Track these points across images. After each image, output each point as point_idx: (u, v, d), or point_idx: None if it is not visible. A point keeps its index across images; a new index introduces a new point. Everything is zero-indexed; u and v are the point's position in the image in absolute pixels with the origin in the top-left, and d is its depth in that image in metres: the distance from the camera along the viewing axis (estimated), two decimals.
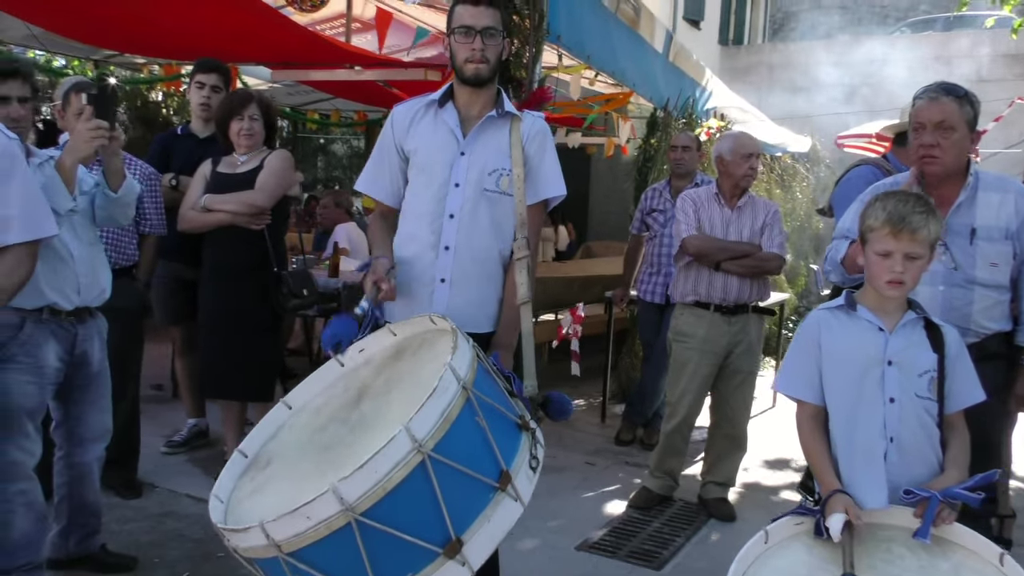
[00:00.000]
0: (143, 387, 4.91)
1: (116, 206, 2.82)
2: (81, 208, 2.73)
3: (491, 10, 2.33)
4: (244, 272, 3.64)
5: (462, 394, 1.73)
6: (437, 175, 2.38)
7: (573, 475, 4.29)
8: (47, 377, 2.64)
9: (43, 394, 2.64)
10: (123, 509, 3.48)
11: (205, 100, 4.08)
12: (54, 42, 6.59)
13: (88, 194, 2.79)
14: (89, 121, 2.56)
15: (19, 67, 2.64)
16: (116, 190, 2.79)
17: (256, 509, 1.76)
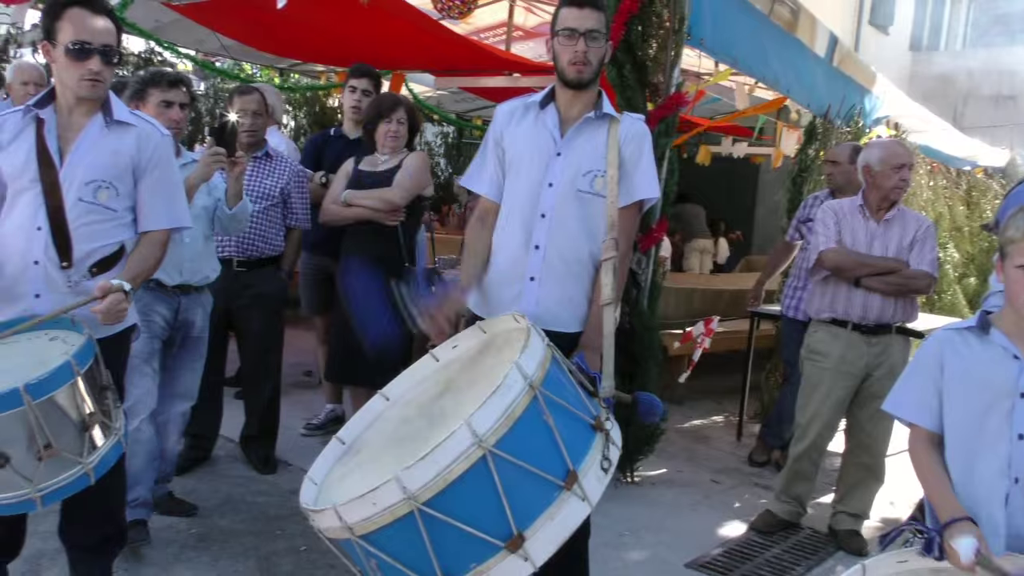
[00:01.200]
0: (295, 373, 5.32)
1: (230, 220, 3.24)
2: (205, 208, 3.19)
3: (595, 13, 2.33)
4: (377, 265, 3.82)
5: (528, 392, 1.73)
6: (532, 174, 2.41)
7: (696, 491, 4.15)
8: (154, 331, 3.07)
9: (152, 343, 3.06)
10: (258, 483, 3.75)
11: (356, 103, 4.34)
12: (244, 52, 7.22)
13: (215, 199, 3.21)
14: (211, 149, 3.02)
15: (183, 77, 3.02)
16: (232, 208, 3.21)
17: (341, 494, 1.84)
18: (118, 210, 2.39)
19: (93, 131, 2.35)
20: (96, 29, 2.27)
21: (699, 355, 4.74)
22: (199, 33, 6.50)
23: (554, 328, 2.29)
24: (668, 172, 3.85)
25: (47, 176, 2.29)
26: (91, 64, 2.26)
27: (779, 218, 7.73)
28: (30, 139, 2.31)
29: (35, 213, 2.29)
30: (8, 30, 6.43)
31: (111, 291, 2.21)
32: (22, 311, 2.30)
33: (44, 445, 2.01)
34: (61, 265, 2.31)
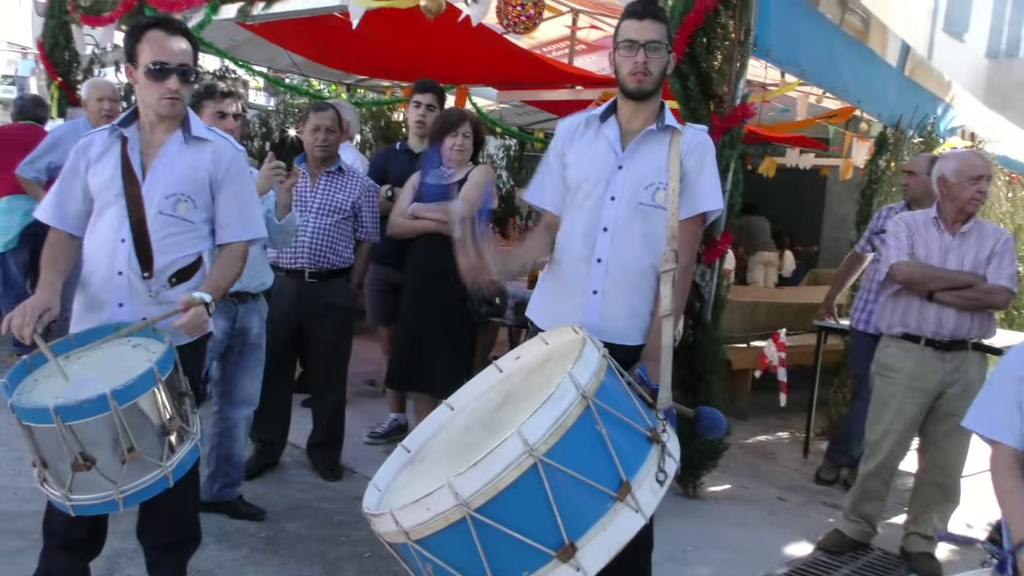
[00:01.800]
0: (359, 382, 5.41)
1: (278, 231, 3.30)
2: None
3: (656, 24, 2.34)
4: (443, 275, 3.85)
5: (580, 402, 1.74)
6: (594, 188, 2.42)
7: (761, 508, 4.07)
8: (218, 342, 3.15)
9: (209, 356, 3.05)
10: (324, 489, 3.83)
11: (421, 118, 4.42)
12: (313, 68, 7.42)
13: (266, 209, 3.25)
14: (271, 162, 3.12)
15: (235, 89, 3.13)
16: (280, 219, 3.28)
17: (400, 499, 1.87)
18: (196, 222, 2.49)
19: (173, 147, 2.45)
20: (173, 50, 2.37)
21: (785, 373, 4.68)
22: (271, 51, 6.72)
23: (617, 341, 2.30)
24: (733, 184, 3.81)
25: (131, 191, 2.40)
26: (169, 83, 2.36)
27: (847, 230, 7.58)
28: (115, 156, 2.42)
29: (119, 226, 2.40)
30: (93, 51, 6.73)
31: (193, 304, 2.30)
32: (106, 319, 2.40)
33: (127, 448, 2.09)
34: (143, 276, 2.41)
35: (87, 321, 2.43)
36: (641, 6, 2.38)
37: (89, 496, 2.13)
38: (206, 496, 3.22)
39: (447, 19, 4.31)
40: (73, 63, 6.84)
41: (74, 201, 2.48)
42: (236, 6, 5.07)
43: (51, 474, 2.14)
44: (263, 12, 4.96)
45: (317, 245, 3.79)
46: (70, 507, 2.14)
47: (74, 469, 2.07)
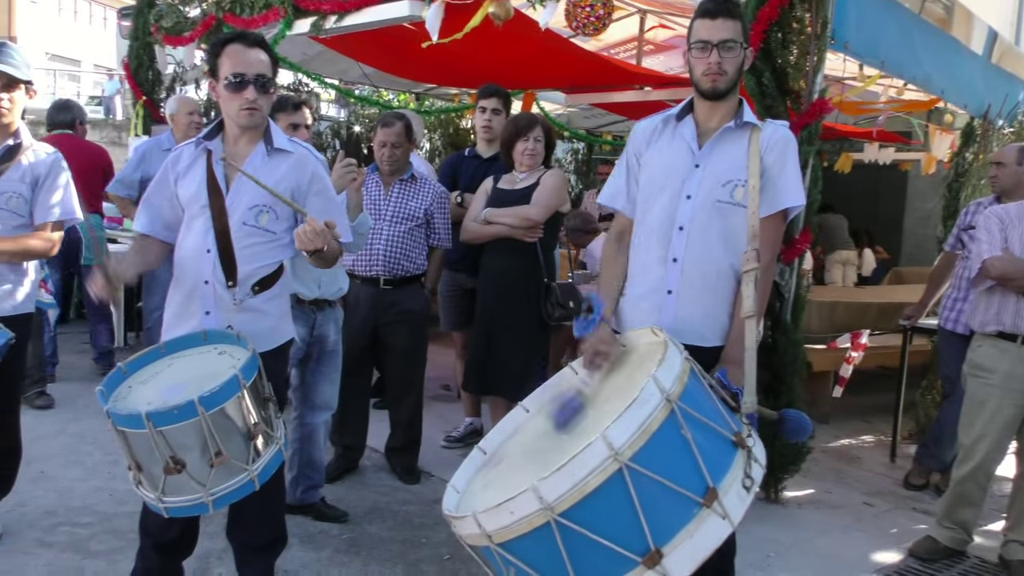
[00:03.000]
0: (434, 387, 5.46)
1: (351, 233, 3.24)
2: None
3: (729, 22, 2.30)
4: (516, 280, 3.89)
5: (665, 406, 1.72)
6: (669, 187, 2.39)
7: (847, 514, 3.95)
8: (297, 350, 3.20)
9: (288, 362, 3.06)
10: (403, 492, 3.87)
11: (487, 123, 4.44)
12: (382, 79, 7.54)
13: None
14: (342, 161, 3.17)
15: (306, 100, 3.19)
16: (352, 220, 3.23)
17: (481, 502, 1.88)
18: (277, 232, 2.55)
19: (256, 159, 2.52)
20: (250, 61, 2.44)
21: (849, 371, 4.51)
22: (342, 63, 6.86)
23: (694, 342, 2.26)
24: (811, 181, 3.71)
25: (215, 202, 2.48)
26: (247, 94, 2.43)
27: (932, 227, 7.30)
28: (201, 169, 2.51)
29: (205, 237, 2.48)
30: (174, 69, 6.99)
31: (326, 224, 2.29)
32: (195, 327, 2.48)
33: (215, 452, 2.16)
34: (227, 284, 2.48)
35: (177, 328, 2.52)
36: (713, 4, 2.34)
37: (181, 498, 2.20)
38: (290, 499, 3.28)
39: (514, 24, 4.32)
40: (156, 82, 7.12)
41: (165, 212, 2.58)
42: (309, 20, 5.19)
43: (145, 477, 2.22)
44: (335, 25, 5.06)
45: (391, 252, 3.84)
46: (163, 509, 2.22)
47: (166, 472, 2.15)
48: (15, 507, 3.32)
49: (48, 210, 3.02)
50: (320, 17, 5.11)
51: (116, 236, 6.63)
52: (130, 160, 5.27)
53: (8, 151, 2.96)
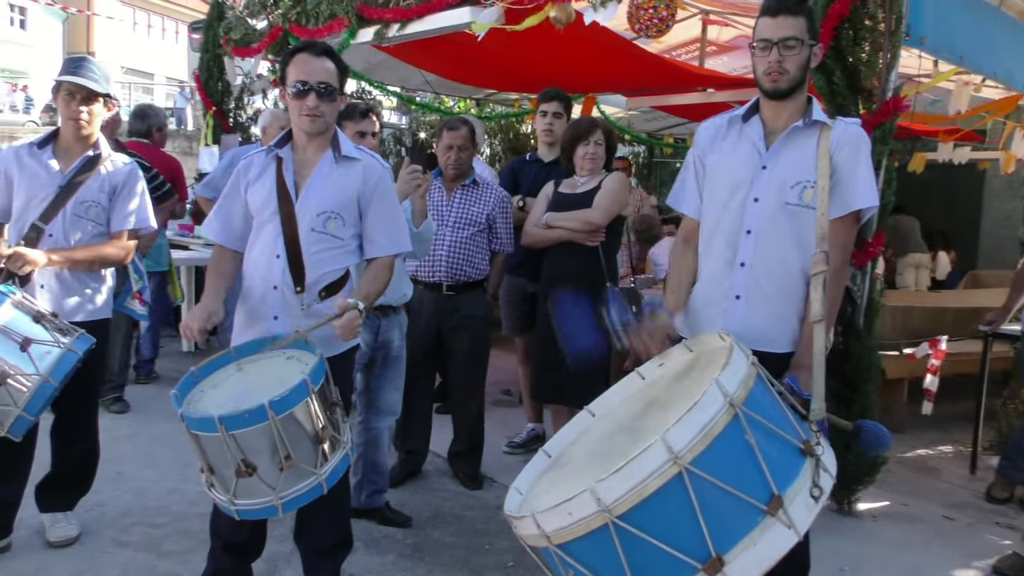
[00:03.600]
0: (495, 391, 5.46)
1: (416, 240, 3.28)
2: None
3: (791, 19, 2.24)
4: (577, 285, 3.84)
5: (728, 410, 1.68)
6: (736, 190, 2.34)
7: (926, 528, 3.80)
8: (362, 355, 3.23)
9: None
10: (466, 498, 3.88)
11: (548, 126, 4.43)
12: (444, 85, 7.61)
13: None
14: (408, 167, 3.18)
15: (373, 108, 3.24)
16: (417, 227, 3.28)
17: (542, 504, 1.86)
18: (344, 239, 2.57)
19: (324, 167, 2.56)
20: (314, 69, 2.48)
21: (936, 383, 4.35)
22: (404, 71, 6.93)
23: (763, 348, 2.21)
24: (885, 182, 3.59)
25: (285, 209, 2.52)
26: (308, 101, 2.47)
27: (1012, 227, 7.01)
28: (271, 176, 2.55)
29: (275, 242, 2.52)
30: (243, 80, 7.17)
31: (348, 309, 2.38)
32: (264, 331, 2.53)
33: (285, 456, 2.18)
34: (295, 290, 2.52)
35: (247, 333, 2.57)
36: (775, 2, 2.29)
37: (251, 501, 2.23)
38: (355, 503, 3.31)
39: (574, 28, 4.30)
40: (225, 93, 7.32)
41: (236, 219, 2.63)
42: (372, 29, 5.27)
43: (217, 480, 2.26)
44: (398, 34, 5.12)
45: (454, 258, 3.86)
46: (235, 511, 2.25)
47: (237, 475, 2.18)
48: (94, 506, 3.43)
49: (124, 218, 3.12)
50: (383, 26, 5.18)
51: (187, 243, 6.83)
52: (219, 164, 5.36)
53: (88, 162, 3.06)
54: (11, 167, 3.01)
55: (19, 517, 3.09)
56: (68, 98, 2.97)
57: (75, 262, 3.01)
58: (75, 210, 3.01)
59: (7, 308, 2.79)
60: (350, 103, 3.37)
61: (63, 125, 3.05)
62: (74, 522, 3.21)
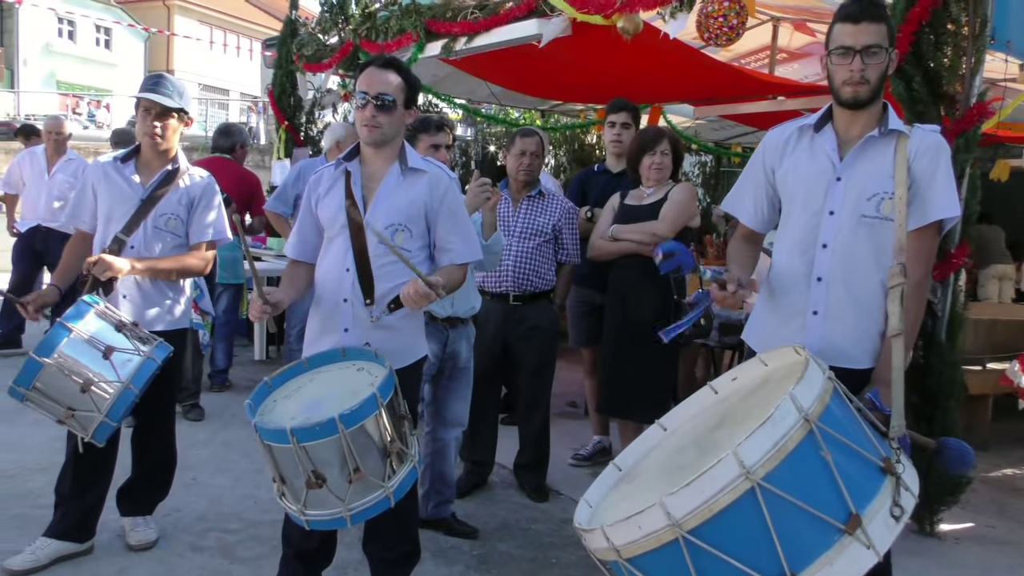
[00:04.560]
0: (560, 403, 5.44)
1: (485, 252, 3.26)
2: None
3: (873, 26, 2.17)
4: (645, 298, 3.81)
5: (803, 426, 1.64)
6: (810, 203, 2.28)
7: (1015, 552, 3.62)
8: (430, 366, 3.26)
9: None
10: (531, 510, 3.86)
11: (616, 137, 4.41)
12: (509, 97, 7.65)
13: None
14: (477, 180, 3.19)
15: (447, 121, 3.29)
16: (487, 239, 3.28)
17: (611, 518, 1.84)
18: (412, 250, 2.59)
19: (392, 179, 2.59)
20: (374, 81, 2.53)
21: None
22: (470, 84, 7.01)
23: (843, 365, 2.15)
24: (969, 191, 3.46)
25: (353, 222, 2.55)
26: (367, 111, 2.51)
27: None
28: (340, 189, 2.60)
29: (344, 256, 2.56)
30: (314, 95, 7.34)
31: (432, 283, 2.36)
32: (334, 343, 2.56)
33: (354, 469, 2.21)
34: (365, 302, 2.55)
35: (318, 344, 2.61)
36: (856, 7, 2.21)
37: (321, 512, 2.26)
38: (422, 514, 3.32)
39: (641, 37, 4.27)
40: (297, 108, 7.51)
41: (311, 235, 2.69)
42: (440, 43, 5.34)
43: (289, 490, 2.30)
44: (465, 47, 5.17)
45: (521, 268, 3.86)
46: (305, 521, 2.29)
47: (308, 487, 2.22)
48: (171, 511, 3.53)
49: (203, 230, 3.21)
50: (451, 39, 5.24)
51: (260, 255, 7.00)
52: (286, 178, 5.47)
53: (167, 176, 3.17)
54: (98, 181, 3.14)
55: (102, 520, 3.20)
56: (145, 114, 3.09)
57: (158, 271, 3.12)
58: (155, 222, 3.12)
59: (92, 318, 2.90)
60: (424, 116, 3.41)
61: (141, 140, 3.17)
62: (153, 526, 3.31)
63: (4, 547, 3.12)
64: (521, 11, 4.78)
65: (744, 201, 2.47)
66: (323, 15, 6.74)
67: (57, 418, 2.88)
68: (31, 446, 4.29)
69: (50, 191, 6.52)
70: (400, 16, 5.62)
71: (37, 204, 6.57)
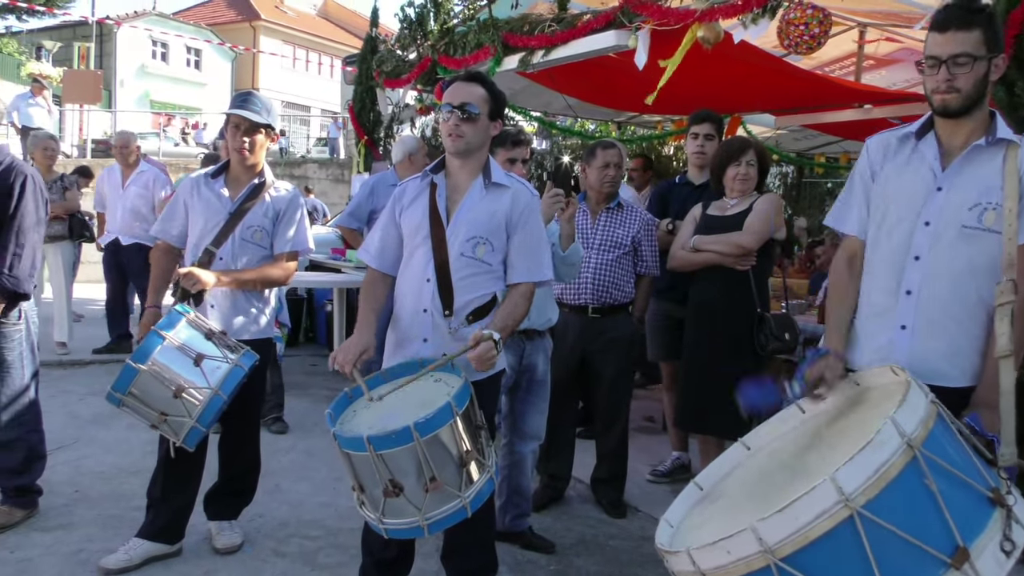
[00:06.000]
0: (637, 418, 5.37)
1: (563, 263, 3.27)
2: None
3: (961, 34, 2.07)
4: (727, 311, 3.72)
5: (905, 452, 1.56)
6: (905, 213, 2.19)
7: None
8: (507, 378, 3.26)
9: None
10: (609, 526, 3.81)
11: (699, 149, 4.33)
12: (585, 109, 7.63)
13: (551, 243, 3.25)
14: (550, 191, 3.16)
15: (525, 136, 3.31)
16: (564, 250, 3.25)
17: (696, 539, 1.80)
18: (492, 264, 2.61)
19: (475, 192, 2.61)
20: (458, 93, 2.57)
21: None
22: (547, 96, 7.01)
23: (933, 382, 2.04)
24: None
25: (436, 234, 2.58)
26: (451, 121, 2.54)
27: None
28: (424, 201, 2.63)
29: (426, 267, 2.59)
30: (392, 110, 7.48)
31: (483, 340, 2.40)
32: (413, 353, 2.59)
33: (430, 478, 2.22)
34: (444, 314, 2.57)
35: (397, 354, 2.64)
36: (944, 14, 2.13)
37: (399, 521, 2.28)
38: (499, 526, 3.31)
39: (720, 46, 4.20)
40: (376, 123, 7.66)
41: (390, 244, 2.72)
42: (517, 57, 5.36)
43: (368, 498, 2.32)
44: (542, 60, 5.18)
45: (599, 281, 3.83)
46: (383, 530, 2.31)
47: (385, 495, 2.23)
48: (255, 517, 3.62)
49: (286, 242, 3.30)
50: (528, 53, 5.25)
51: (340, 266, 7.15)
52: (358, 194, 5.57)
53: (254, 189, 3.27)
54: (190, 196, 3.26)
55: (190, 524, 3.30)
56: (234, 129, 3.20)
57: (243, 282, 3.21)
58: (242, 234, 3.22)
59: (183, 326, 3.01)
60: (504, 130, 3.41)
61: (231, 155, 3.28)
62: (238, 531, 3.40)
63: (99, 546, 3.25)
64: (599, 23, 4.76)
65: (849, 214, 2.38)
66: (402, 31, 6.85)
67: (151, 423, 2.99)
68: (126, 450, 4.47)
69: (124, 204, 6.83)
70: (478, 31, 5.67)
71: (115, 218, 6.90)
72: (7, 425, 3.42)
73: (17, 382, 3.42)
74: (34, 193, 3.32)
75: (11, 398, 3.42)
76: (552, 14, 5.20)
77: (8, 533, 3.37)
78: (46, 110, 12.57)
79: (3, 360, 3.36)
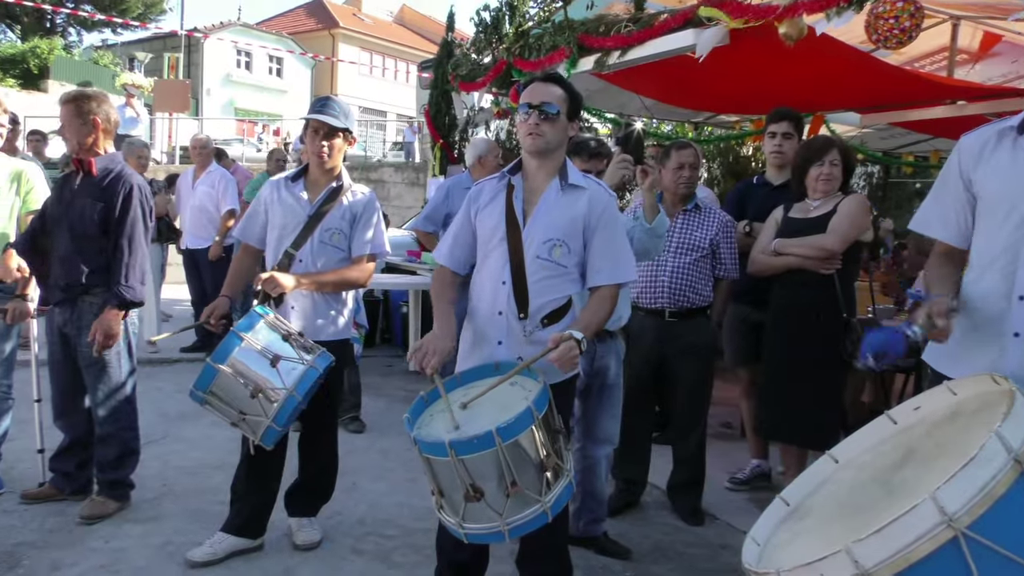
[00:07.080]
0: (714, 423, 5.25)
1: (650, 236, 3.19)
2: None
3: None
4: (811, 316, 3.61)
5: (1014, 468, 1.47)
6: (1012, 212, 2.06)
7: None
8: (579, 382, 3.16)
9: None
10: (686, 533, 3.73)
11: (777, 148, 4.21)
12: (661, 110, 7.53)
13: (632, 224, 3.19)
14: (618, 156, 3.10)
15: (603, 148, 3.32)
16: (650, 222, 3.17)
17: (786, 559, 1.73)
18: (568, 266, 2.58)
19: (551, 194, 2.59)
20: (536, 92, 2.58)
21: None
22: (622, 97, 6.94)
23: None
24: None
25: (512, 236, 2.57)
26: (530, 120, 2.54)
27: None
28: (501, 202, 2.62)
29: (502, 268, 2.58)
30: (467, 113, 7.53)
31: (563, 340, 2.37)
32: (488, 356, 2.58)
33: (511, 483, 2.20)
34: (519, 316, 2.55)
35: (472, 356, 2.63)
36: None
37: (479, 526, 2.27)
38: (573, 531, 3.28)
39: (803, 42, 4.07)
40: (452, 126, 7.72)
41: (464, 244, 2.72)
42: (593, 58, 5.31)
43: (447, 503, 2.32)
44: (619, 60, 5.12)
45: (676, 284, 3.76)
46: (463, 534, 2.30)
47: (466, 500, 2.23)
48: (333, 515, 3.68)
49: (363, 244, 3.34)
50: (604, 54, 5.21)
51: (415, 268, 7.24)
52: (434, 197, 5.60)
53: (332, 192, 3.32)
54: (270, 199, 3.34)
55: (271, 520, 3.38)
56: (313, 134, 3.26)
57: (322, 284, 3.27)
58: (321, 237, 3.27)
59: (262, 327, 3.07)
60: (582, 139, 3.37)
61: (310, 159, 3.34)
62: (317, 528, 3.46)
63: (186, 539, 3.35)
64: (676, 22, 4.68)
65: (939, 217, 2.28)
66: (477, 35, 6.89)
67: (231, 421, 3.07)
68: (211, 446, 4.61)
69: (193, 203, 7.07)
70: (553, 33, 5.65)
71: (185, 219, 7.16)
72: (104, 421, 3.57)
73: (115, 380, 3.57)
74: (142, 202, 3.48)
75: (108, 395, 3.57)
76: (628, 14, 5.13)
77: (102, 524, 3.52)
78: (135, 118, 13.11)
79: (102, 358, 3.50)
